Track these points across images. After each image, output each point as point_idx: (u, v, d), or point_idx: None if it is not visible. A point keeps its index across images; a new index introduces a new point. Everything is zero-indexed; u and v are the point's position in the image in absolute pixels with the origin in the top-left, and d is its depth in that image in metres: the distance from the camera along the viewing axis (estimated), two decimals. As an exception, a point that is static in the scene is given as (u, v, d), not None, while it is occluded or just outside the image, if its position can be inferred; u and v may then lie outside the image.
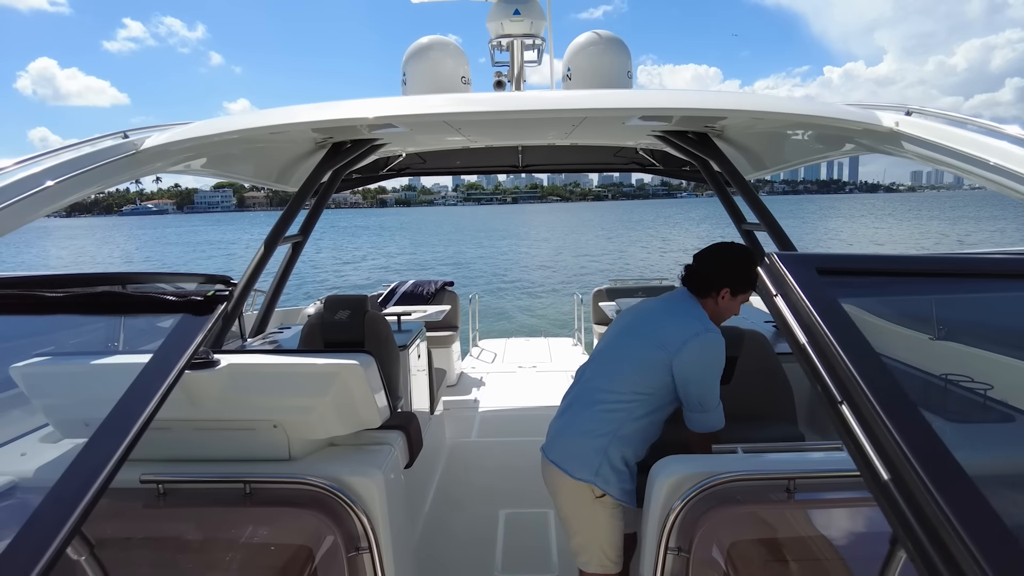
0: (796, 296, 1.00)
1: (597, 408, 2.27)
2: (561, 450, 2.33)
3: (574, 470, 2.24)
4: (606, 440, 2.21)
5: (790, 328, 1.00)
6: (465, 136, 4.27)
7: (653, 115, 2.86)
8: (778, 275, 1.05)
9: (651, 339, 2.26)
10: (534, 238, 59.03)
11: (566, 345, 8.54)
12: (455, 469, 4.39)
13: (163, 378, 1.13)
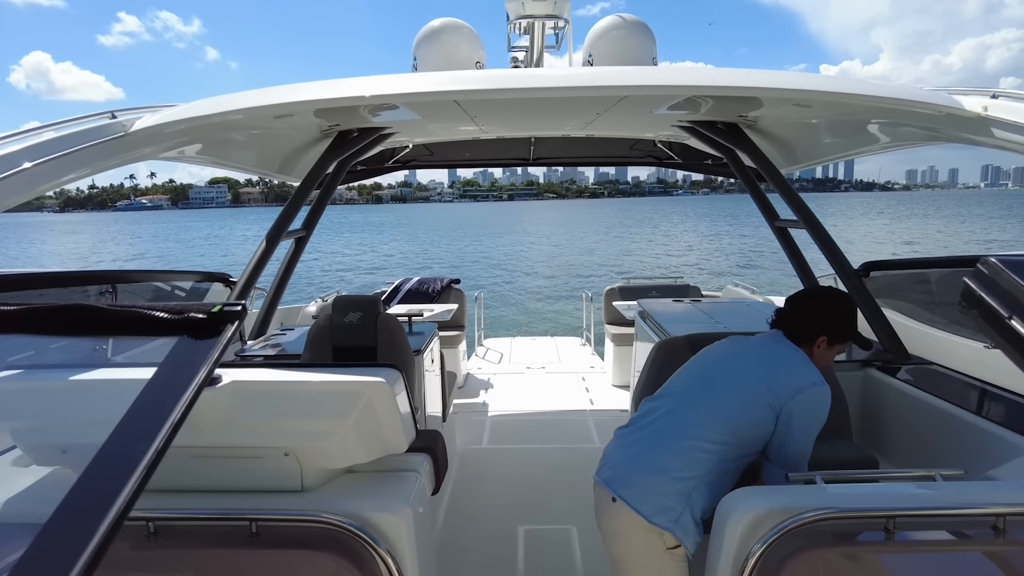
0: None
1: (686, 445, 1.98)
2: (636, 487, 1.98)
3: (651, 513, 1.91)
4: (692, 484, 1.92)
5: None
6: (478, 125, 4.00)
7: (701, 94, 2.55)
8: (1015, 288, 0.78)
9: (764, 380, 2.03)
10: (535, 235, 58.73)
11: (574, 345, 8.28)
12: (467, 480, 4.12)
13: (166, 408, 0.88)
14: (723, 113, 3.64)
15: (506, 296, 22.04)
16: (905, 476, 1.75)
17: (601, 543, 2.63)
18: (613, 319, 6.64)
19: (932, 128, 2.34)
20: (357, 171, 5.46)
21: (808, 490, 1.63)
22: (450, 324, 6.06)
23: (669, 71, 2.20)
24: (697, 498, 1.91)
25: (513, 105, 3.34)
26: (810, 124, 3.39)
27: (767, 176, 3.77)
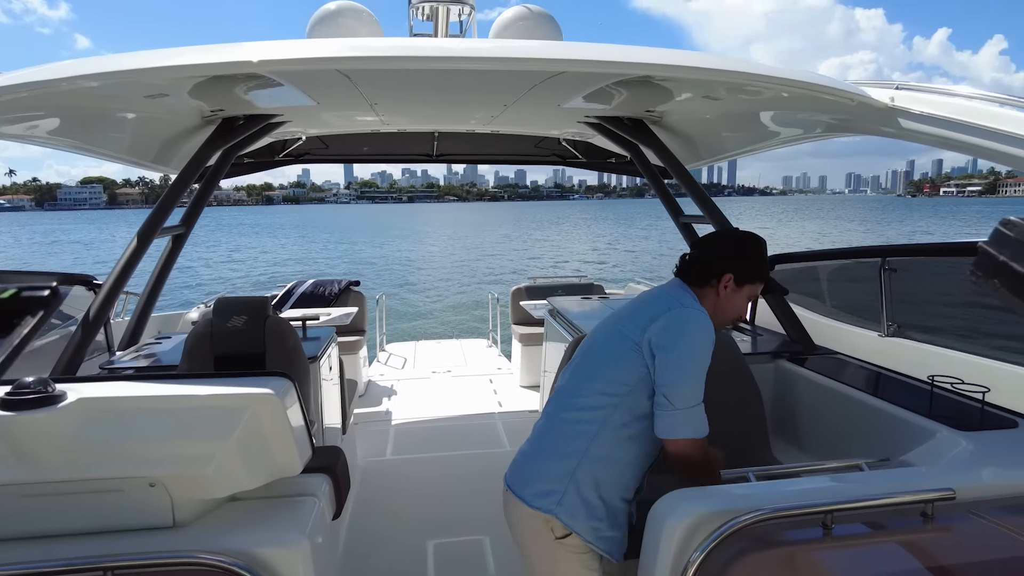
0: None
1: (565, 418, 1.81)
2: (521, 474, 1.85)
3: (532, 498, 1.76)
4: (575, 461, 1.73)
5: None
6: (378, 115, 3.76)
7: (611, 71, 2.36)
8: None
9: (623, 324, 1.84)
10: (438, 237, 58.18)
11: (481, 347, 8.13)
12: (370, 495, 3.86)
13: None
14: (630, 108, 3.60)
15: (409, 299, 21.57)
16: (833, 468, 1.71)
17: (516, 553, 2.47)
18: (520, 319, 6.54)
19: (843, 118, 2.36)
20: (244, 164, 5.04)
21: (744, 490, 1.55)
22: (350, 329, 5.74)
23: (576, 46, 2.05)
24: (585, 476, 1.72)
25: (416, 92, 3.13)
26: (717, 118, 3.41)
27: (673, 172, 3.77)
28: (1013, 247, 0.69)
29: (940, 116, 1.90)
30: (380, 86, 2.94)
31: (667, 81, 2.66)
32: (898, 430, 2.12)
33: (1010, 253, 0.69)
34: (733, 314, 1.92)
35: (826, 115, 2.44)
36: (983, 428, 1.92)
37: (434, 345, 8.34)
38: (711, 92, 2.74)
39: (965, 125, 1.82)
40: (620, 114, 3.78)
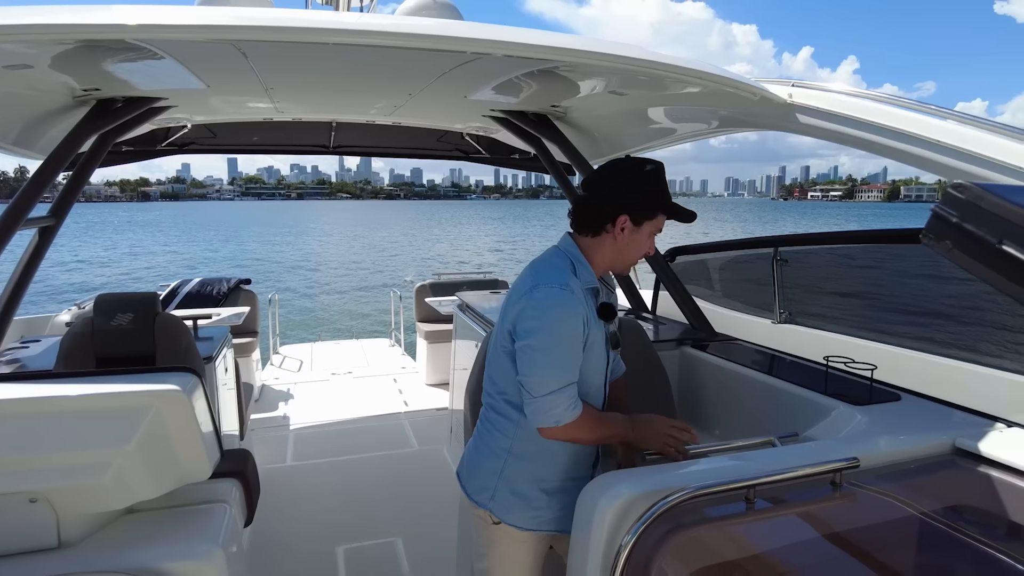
0: None
1: (487, 416, 1.81)
2: (465, 467, 1.90)
3: (472, 492, 1.83)
4: (502, 460, 1.75)
5: None
6: (273, 101, 3.55)
7: (518, 53, 2.27)
8: (1006, 211, 0.71)
9: (498, 326, 1.76)
10: (333, 235, 56.39)
11: (383, 346, 7.93)
12: (272, 504, 3.65)
13: None
14: (536, 102, 3.61)
15: (304, 298, 20.75)
16: (750, 445, 1.78)
17: (430, 553, 2.45)
18: (425, 316, 6.44)
19: (745, 113, 2.46)
20: (123, 152, 4.62)
21: (669, 470, 1.57)
22: (241, 330, 5.42)
23: (491, 27, 2.00)
24: (514, 473, 1.73)
25: (316, 76, 2.98)
26: (621, 114, 3.48)
27: (577, 167, 3.83)
28: (963, 208, 0.73)
29: (835, 112, 2.03)
30: (278, 67, 2.76)
31: (578, 71, 2.66)
32: (800, 408, 2.25)
33: (961, 214, 0.73)
34: (636, 255, 1.76)
35: (729, 110, 2.55)
36: (873, 402, 2.07)
37: (332, 346, 8.06)
38: (620, 84, 2.78)
39: (858, 121, 1.95)
40: (525, 108, 3.78)
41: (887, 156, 1.90)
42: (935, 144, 1.73)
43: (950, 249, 0.77)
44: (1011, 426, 1.85)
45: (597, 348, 1.72)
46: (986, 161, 1.59)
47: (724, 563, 1.43)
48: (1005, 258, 0.71)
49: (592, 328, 1.68)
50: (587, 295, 1.70)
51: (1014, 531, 1.59)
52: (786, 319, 3.41)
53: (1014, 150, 1.56)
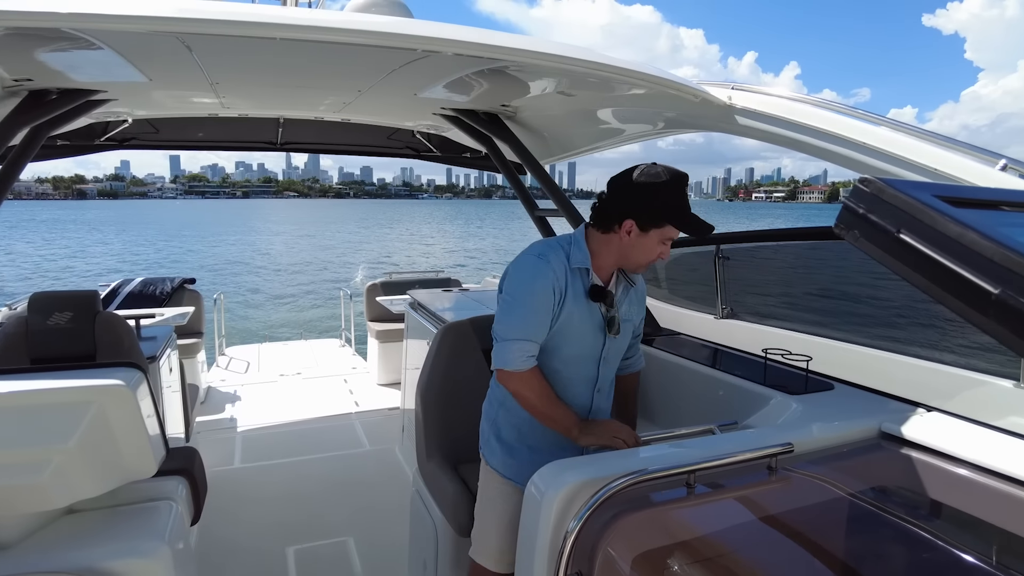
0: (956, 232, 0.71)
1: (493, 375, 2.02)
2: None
3: (480, 443, 2.11)
4: (495, 410, 2.05)
5: (962, 278, 0.71)
6: (219, 96, 3.48)
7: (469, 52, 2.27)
8: (903, 203, 0.77)
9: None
10: (281, 234, 55.09)
11: (333, 347, 7.83)
12: (220, 507, 3.57)
13: None
14: (486, 101, 3.64)
15: (252, 299, 20.26)
16: (691, 433, 1.85)
17: (381, 551, 2.53)
18: (376, 316, 6.39)
19: (687, 115, 2.55)
20: (57, 147, 4.44)
21: (614, 457, 1.62)
22: (185, 331, 5.28)
23: (441, 26, 2.01)
24: (502, 422, 2.00)
25: (264, 71, 2.93)
26: (569, 114, 3.54)
27: (527, 167, 3.87)
28: (868, 201, 0.81)
29: (772, 114, 2.12)
30: (224, 62, 2.71)
31: (528, 71, 2.71)
32: (740, 398, 2.34)
33: (866, 207, 0.80)
34: (643, 258, 1.85)
35: (672, 111, 2.63)
36: (808, 391, 2.18)
37: (281, 347, 7.91)
38: (568, 86, 2.83)
39: (793, 123, 2.05)
40: (476, 107, 3.81)
41: (819, 157, 2.00)
42: (862, 146, 1.84)
43: (857, 238, 0.84)
44: (931, 411, 1.98)
45: (578, 324, 1.85)
46: (905, 162, 1.70)
47: (666, 546, 1.49)
48: (902, 246, 0.78)
49: (571, 303, 1.82)
50: (573, 274, 1.83)
51: (935, 508, 1.70)
52: (728, 314, 3.53)
53: (929, 152, 1.68)
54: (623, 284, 1.96)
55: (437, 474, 2.37)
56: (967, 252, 0.70)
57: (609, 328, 1.90)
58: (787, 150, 2.20)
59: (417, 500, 2.58)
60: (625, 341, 2.02)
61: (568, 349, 1.87)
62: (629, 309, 2.00)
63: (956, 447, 1.70)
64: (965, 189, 0.96)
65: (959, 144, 1.68)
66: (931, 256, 0.74)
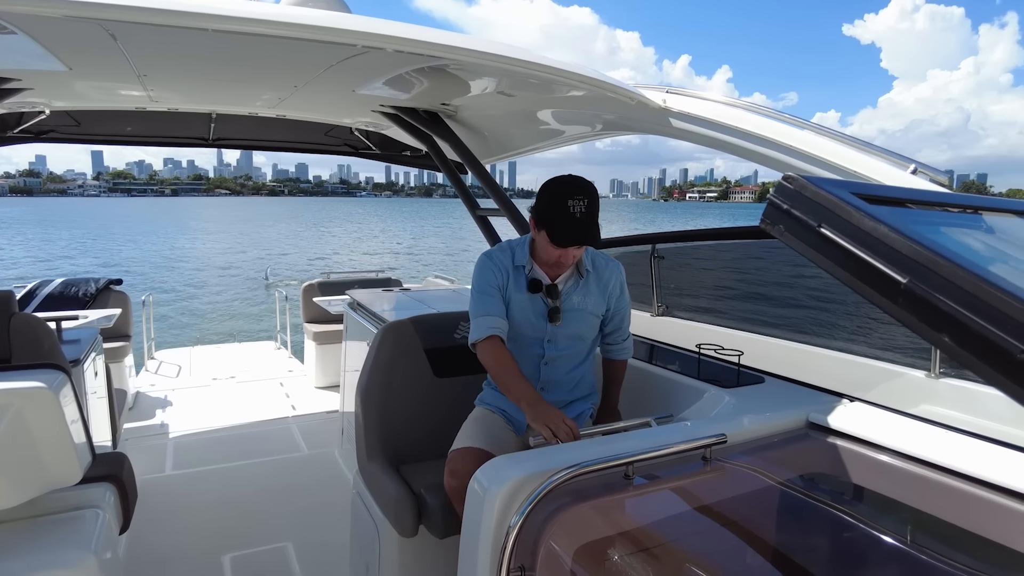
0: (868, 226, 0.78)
1: None
2: None
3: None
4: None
5: (875, 269, 0.76)
6: (146, 89, 3.33)
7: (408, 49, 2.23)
8: (823, 200, 0.81)
9: None
10: (213, 232, 53.07)
11: (268, 349, 7.62)
12: (151, 516, 3.43)
13: None
14: (426, 100, 3.62)
15: (182, 300, 19.45)
16: (628, 426, 1.90)
17: (321, 556, 2.56)
18: (314, 317, 6.25)
19: (624, 117, 2.61)
20: None
21: (555, 451, 1.65)
22: (112, 333, 5.04)
23: (381, 22, 1.98)
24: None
25: (196, 64, 2.83)
26: (509, 115, 3.56)
27: (468, 166, 3.87)
28: (792, 197, 0.86)
29: (704, 117, 2.20)
30: (152, 52, 2.60)
31: (468, 70, 2.71)
32: (675, 392, 2.42)
33: (790, 202, 0.86)
34: (548, 257, 2.13)
35: (609, 113, 2.69)
36: (740, 385, 2.26)
37: (213, 350, 7.64)
38: (508, 86, 2.85)
39: (724, 126, 2.13)
40: (416, 105, 3.78)
41: (748, 158, 2.09)
42: (787, 148, 1.93)
43: (782, 233, 0.89)
44: (853, 401, 2.09)
45: (520, 311, 2.18)
46: (826, 163, 1.80)
47: (607, 537, 1.52)
48: (823, 239, 0.84)
49: (513, 293, 2.17)
50: (517, 270, 2.19)
51: (858, 493, 1.80)
52: (663, 312, 3.62)
53: (848, 155, 1.78)
54: (573, 277, 2.20)
55: (378, 475, 2.34)
56: (879, 245, 0.77)
57: (551, 318, 2.17)
58: (719, 152, 2.29)
59: (358, 502, 2.55)
60: (580, 327, 2.24)
61: (515, 330, 2.18)
62: (584, 300, 2.21)
63: (877, 435, 1.80)
64: (879, 188, 1.04)
65: (875, 148, 1.78)
66: (848, 249, 0.80)
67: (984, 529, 1.56)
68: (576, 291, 2.20)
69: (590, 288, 2.22)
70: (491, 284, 2.15)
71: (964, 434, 1.79)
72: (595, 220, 2.00)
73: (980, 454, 1.65)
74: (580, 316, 2.21)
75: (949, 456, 1.63)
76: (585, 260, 2.21)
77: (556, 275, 2.19)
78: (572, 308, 2.19)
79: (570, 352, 2.26)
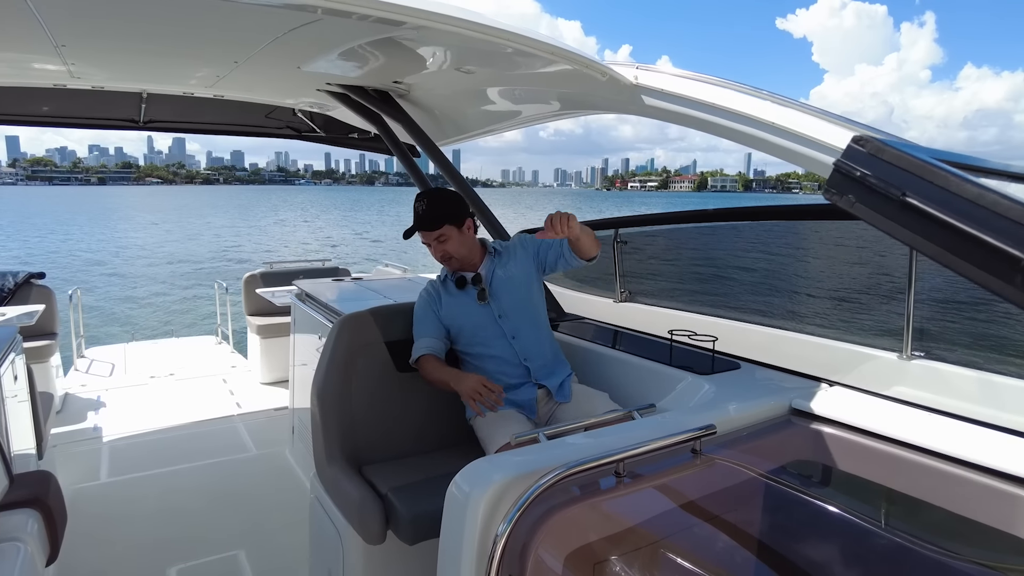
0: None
1: None
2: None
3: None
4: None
5: (985, 244, 0.64)
6: (66, 63, 3.02)
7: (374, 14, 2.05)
8: (908, 164, 0.69)
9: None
10: (145, 223, 50.70)
11: (208, 344, 7.25)
12: (86, 528, 3.16)
13: None
14: (377, 78, 3.42)
15: (113, 294, 18.45)
16: (612, 419, 1.80)
17: (278, 561, 2.73)
18: (256, 309, 5.96)
19: (591, 94, 2.48)
20: None
21: (539, 451, 1.54)
22: (35, 331, 4.68)
23: None
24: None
25: (121, 36, 2.56)
26: (467, 93, 3.39)
27: (422, 148, 3.69)
28: (866, 162, 0.74)
29: (680, 94, 2.09)
30: (72, 21, 2.33)
31: (423, 40, 2.52)
32: (650, 380, 2.34)
33: (865, 168, 0.74)
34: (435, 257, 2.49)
35: (577, 90, 2.55)
36: (716, 371, 2.20)
37: (150, 346, 7.23)
38: (467, 59, 2.69)
39: (704, 104, 2.03)
40: (366, 84, 3.57)
41: (729, 138, 2.00)
42: (772, 127, 1.84)
43: (853, 204, 0.78)
44: (833, 385, 2.06)
45: (461, 310, 2.46)
46: (816, 143, 1.72)
47: (599, 540, 1.42)
48: (909, 210, 0.72)
49: (447, 301, 2.48)
50: (443, 282, 2.54)
51: (848, 480, 1.75)
52: (626, 298, 3.56)
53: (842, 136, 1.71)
54: (489, 260, 2.52)
55: (339, 478, 2.18)
56: (991, 217, 0.65)
57: (480, 299, 2.43)
58: (658, 142, 2.21)
59: (317, 507, 2.38)
60: (516, 293, 2.46)
61: (469, 328, 2.44)
62: (505, 271, 2.48)
63: (861, 420, 1.76)
64: (956, 155, 0.94)
65: (863, 127, 1.72)
66: (946, 221, 0.68)
67: (975, 512, 1.54)
68: (497, 267, 2.49)
69: (504, 260, 2.51)
70: (424, 307, 2.48)
71: (949, 416, 1.77)
72: (435, 214, 2.38)
73: (964, 436, 1.64)
74: (510, 284, 2.46)
75: (939, 439, 1.61)
76: (491, 244, 2.57)
77: (475, 269, 2.50)
78: (499, 281, 2.46)
79: (528, 320, 2.47)
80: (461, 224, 2.43)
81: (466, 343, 2.46)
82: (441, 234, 2.38)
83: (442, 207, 2.41)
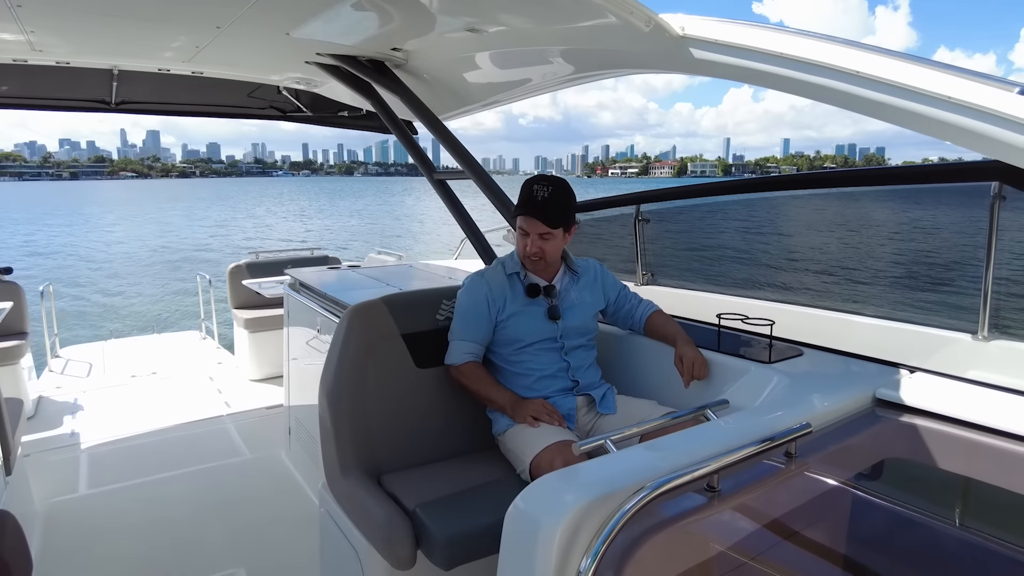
0: None
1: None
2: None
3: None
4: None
5: None
6: (25, 31, 2.69)
7: None
8: None
9: None
10: (118, 217, 49.61)
11: (192, 340, 6.91)
12: (63, 546, 2.87)
13: None
14: (372, 46, 3.12)
15: (87, 291, 17.84)
16: (683, 421, 1.55)
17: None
18: (243, 302, 5.65)
19: (628, 50, 2.19)
20: None
21: (617, 464, 1.27)
22: (2, 331, 4.35)
23: None
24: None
25: None
26: (474, 58, 3.07)
27: (424, 123, 3.39)
28: None
29: (733, 43, 1.83)
30: None
31: None
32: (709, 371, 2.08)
33: None
34: (520, 250, 2.23)
35: (611, 45, 2.26)
36: (780, 359, 1.96)
37: (130, 343, 6.87)
38: (480, 11, 2.39)
39: (757, 52, 1.77)
40: (359, 53, 3.27)
41: (798, 93, 1.74)
42: (854, 76, 1.59)
43: None
44: (914, 372, 1.83)
45: (527, 320, 2.20)
46: (912, 91, 1.48)
47: (693, 568, 1.17)
48: None
49: (511, 305, 2.20)
50: (511, 280, 2.23)
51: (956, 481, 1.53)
52: (649, 280, 3.32)
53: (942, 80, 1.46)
54: (568, 275, 2.30)
55: (357, 492, 1.90)
56: None
57: (551, 316, 2.20)
58: (638, 128, 1.97)
59: (330, 524, 2.11)
60: (582, 319, 2.27)
61: (527, 340, 2.19)
62: (580, 295, 2.29)
63: (956, 410, 1.54)
64: None
65: (968, 72, 1.47)
66: None
67: None
68: (574, 288, 2.29)
69: (582, 283, 2.32)
70: (478, 304, 2.19)
71: None
72: (558, 207, 2.11)
73: None
74: (581, 308, 2.28)
75: None
76: (571, 260, 2.32)
77: (550, 277, 2.27)
78: (571, 304, 2.26)
79: (582, 342, 2.28)
80: (570, 228, 2.21)
81: (514, 352, 2.20)
82: (552, 232, 2.13)
83: (569, 206, 2.17)
